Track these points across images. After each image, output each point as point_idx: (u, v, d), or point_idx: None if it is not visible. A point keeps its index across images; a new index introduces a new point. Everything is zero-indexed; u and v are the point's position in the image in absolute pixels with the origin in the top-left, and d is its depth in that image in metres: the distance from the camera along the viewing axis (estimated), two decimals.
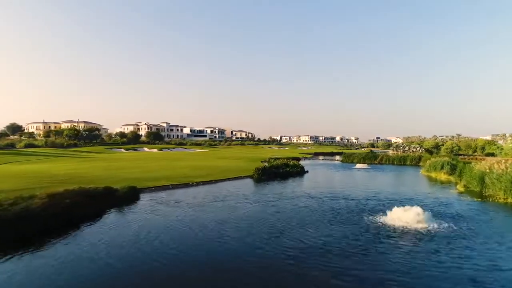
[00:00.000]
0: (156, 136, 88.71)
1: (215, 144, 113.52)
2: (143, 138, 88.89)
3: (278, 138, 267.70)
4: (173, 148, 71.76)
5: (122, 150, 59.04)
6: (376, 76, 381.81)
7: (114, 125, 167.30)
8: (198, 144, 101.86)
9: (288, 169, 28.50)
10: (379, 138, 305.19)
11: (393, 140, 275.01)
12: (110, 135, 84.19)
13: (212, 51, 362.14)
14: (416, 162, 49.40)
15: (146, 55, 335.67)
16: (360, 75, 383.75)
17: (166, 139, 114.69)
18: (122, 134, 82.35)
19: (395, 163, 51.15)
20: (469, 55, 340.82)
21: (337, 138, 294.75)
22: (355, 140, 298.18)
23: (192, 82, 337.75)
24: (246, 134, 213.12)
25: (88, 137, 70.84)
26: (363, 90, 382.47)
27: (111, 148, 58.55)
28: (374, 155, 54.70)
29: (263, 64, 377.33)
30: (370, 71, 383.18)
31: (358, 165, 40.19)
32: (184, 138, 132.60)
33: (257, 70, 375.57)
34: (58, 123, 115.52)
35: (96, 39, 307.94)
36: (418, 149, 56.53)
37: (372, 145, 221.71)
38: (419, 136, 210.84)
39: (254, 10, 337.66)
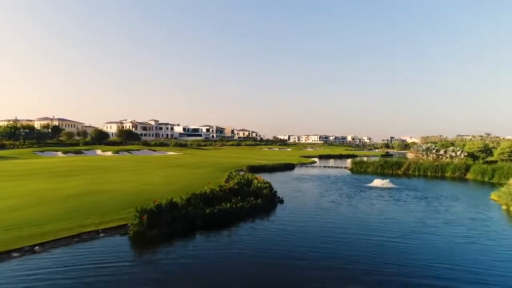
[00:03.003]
0: (130, 135, 74.89)
1: (205, 145, 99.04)
2: (114, 137, 75.34)
3: (286, 137, 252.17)
4: (137, 150, 57.57)
5: (59, 153, 45.19)
6: (388, 74, 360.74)
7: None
8: (183, 145, 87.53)
9: (230, 205, 13.24)
10: (393, 138, 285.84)
11: (408, 140, 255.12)
12: (71, 134, 71.20)
13: (217, 50, 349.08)
14: (462, 173, 33.39)
15: (147, 54, 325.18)
16: (370, 74, 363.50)
17: (149, 138, 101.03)
18: (84, 133, 68.91)
19: (429, 174, 35.29)
20: (486, 54, 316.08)
21: (349, 138, 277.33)
22: (368, 140, 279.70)
23: (195, 81, 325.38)
24: (249, 133, 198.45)
25: (28, 135, 57.50)
26: (374, 88, 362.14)
27: (43, 152, 44.89)
28: (398, 163, 38.83)
29: (271, 64, 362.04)
30: (380, 70, 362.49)
31: (377, 182, 24.66)
32: (175, 138, 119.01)
33: (264, 70, 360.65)
34: (32, 120, 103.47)
35: (90, 35, 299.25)
36: (459, 153, 40.22)
37: (387, 146, 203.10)
38: (440, 135, 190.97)
39: (263, 9, 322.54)
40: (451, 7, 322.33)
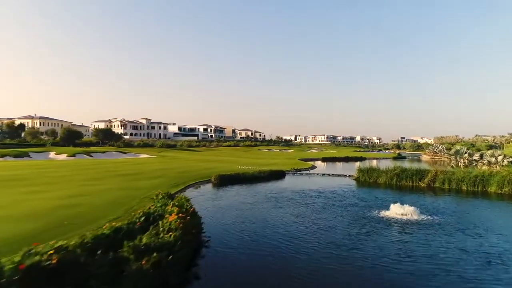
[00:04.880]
0: (108, 135, 66.49)
1: (198, 146, 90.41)
2: (90, 137, 67.33)
3: (292, 138, 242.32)
4: (102, 153, 48.95)
5: None
6: (398, 74, 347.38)
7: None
8: (171, 146, 78.94)
9: None
10: (404, 138, 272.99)
11: (420, 140, 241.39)
12: (35, 133, 63.35)
13: (220, 49, 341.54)
14: None
15: (148, 53, 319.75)
16: (381, 73, 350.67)
17: (137, 138, 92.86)
18: (53, 133, 60.92)
19: (465, 188, 25.70)
20: (488, 55, 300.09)
21: (357, 138, 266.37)
22: (377, 141, 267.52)
23: (199, 80, 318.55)
24: (252, 133, 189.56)
25: None
26: (384, 88, 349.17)
27: None
28: (419, 172, 29.19)
29: (275, 63, 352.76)
30: (391, 69, 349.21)
31: (395, 210, 15.31)
32: (169, 138, 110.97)
33: (270, 69, 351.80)
34: (13, 118, 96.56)
35: (88, 33, 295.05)
36: (501, 158, 30.44)
37: (398, 146, 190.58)
38: (456, 136, 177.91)
39: (272, 7, 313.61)
40: (455, 6, 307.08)
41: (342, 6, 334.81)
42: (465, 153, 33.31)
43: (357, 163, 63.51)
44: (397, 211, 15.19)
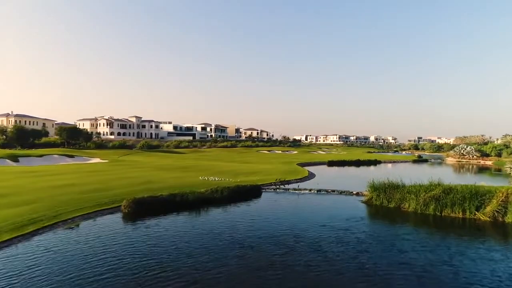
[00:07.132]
0: (75, 134, 56.68)
1: (186, 146, 79.97)
2: (54, 137, 58.00)
3: (303, 138, 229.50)
4: (39, 156, 38.43)
5: None
6: (412, 72, 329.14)
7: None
8: (154, 147, 68.75)
9: None
10: (421, 138, 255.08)
11: (437, 140, 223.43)
12: None
13: (227, 48, 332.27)
14: None
15: (148, 53, 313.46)
16: (394, 71, 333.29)
17: (119, 138, 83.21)
18: (3, 131, 51.59)
19: None
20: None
21: (371, 138, 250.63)
22: (393, 141, 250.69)
23: (207, 79, 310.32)
24: (258, 132, 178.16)
25: None
26: (399, 86, 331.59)
27: None
28: (475, 194, 17.28)
29: (285, 63, 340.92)
30: (404, 67, 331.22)
31: None
32: (162, 138, 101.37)
33: (279, 69, 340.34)
34: None
35: (86, 30, 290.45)
36: None
37: (416, 147, 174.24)
38: (482, 135, 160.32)
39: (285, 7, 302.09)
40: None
41: (349, 4, 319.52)
42: None
43: (371, 168, 51.84)
44: None
